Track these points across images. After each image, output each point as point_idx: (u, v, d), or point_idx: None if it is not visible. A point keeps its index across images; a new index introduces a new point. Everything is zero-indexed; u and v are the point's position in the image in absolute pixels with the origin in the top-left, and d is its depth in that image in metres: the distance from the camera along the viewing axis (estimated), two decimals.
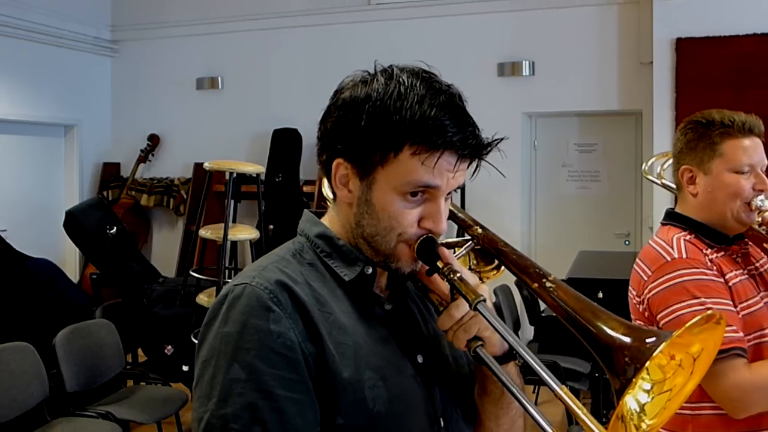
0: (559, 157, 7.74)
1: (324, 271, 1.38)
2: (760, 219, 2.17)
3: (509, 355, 1.36)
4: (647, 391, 1.24)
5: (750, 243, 2.30)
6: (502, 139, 1.33)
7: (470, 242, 1.52)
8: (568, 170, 7.72)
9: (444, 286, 1.36)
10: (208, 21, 8.69)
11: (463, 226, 1.55)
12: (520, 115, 7.42)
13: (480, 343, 1.30)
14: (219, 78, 8.77)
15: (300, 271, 1.35)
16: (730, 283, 2.09)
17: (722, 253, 2.18)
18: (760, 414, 2.02)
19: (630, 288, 2.22)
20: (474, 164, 1.34)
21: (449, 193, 1.34)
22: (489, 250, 1.50)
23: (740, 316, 2.05)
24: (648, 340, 1.15)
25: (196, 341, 4.55)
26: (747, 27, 6.52)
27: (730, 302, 2.04)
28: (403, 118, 1.27)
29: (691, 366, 1.25)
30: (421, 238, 1.33)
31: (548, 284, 1.34)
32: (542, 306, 5.81)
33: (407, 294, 1.48)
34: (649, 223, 6.93)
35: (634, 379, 1.13)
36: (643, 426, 1.23)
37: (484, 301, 1.26)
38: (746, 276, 2.18)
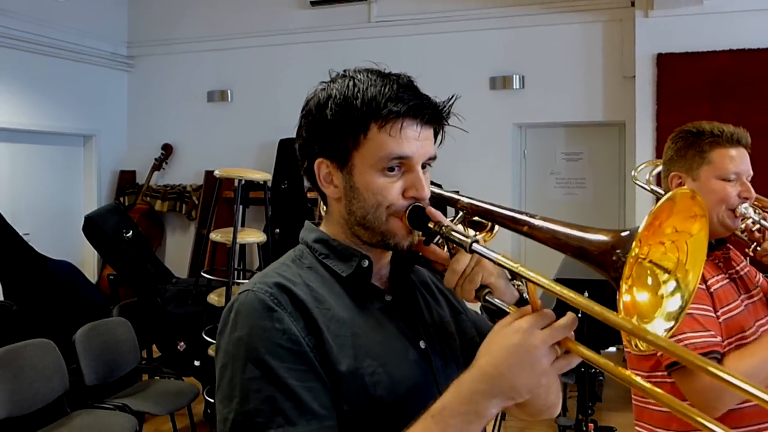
0: (547, 165, 7.75)
1: (323, 271, 1.39)
2: (743, 226, 2.16)
3: (520, 301, 1.36)
4: (677, 288, 1.26)
5: (731, 248, 2.28)
6: (456, 97, 1.38)
7: (461, 214, 1.52)
8: (555, 177, 7.73)
9: (443, 253, 1.38)
10: (218, 38, 8.71)
11: (451, 202, 1.55)
12: (511, 125, 7.44)
13: (488, 290, 1.31)
14: (228, 91, 8.78)
15: (299, 274, 1.36)
16: (712, 289, 2.07)
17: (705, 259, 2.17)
18: (741, 410, 2.01)
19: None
20: (439, 135, 1.40)
21: (425, 166, 1.37)
22: (479, 215, 1.51)
23: (722, 320, 2.03)
24: (623, 234, 1.17)
25: (207, 338, 4.52)
26: (723, 43, 6.54)
27: (710, 308, 2.02)
28: (363, 101, 1.32)
29: (680, 236, 1.28)
30: (410, 208, 1.34)
31: (536, 222, 1.35)
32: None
33: (411, 284, 1.49)
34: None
35: (625, 270, 1.13)
36: (682, 316, 1.25)
37: (477, 241, 1.27)
38: (727, 280, 2.15)
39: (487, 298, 1.30)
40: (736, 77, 6.47)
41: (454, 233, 1.31)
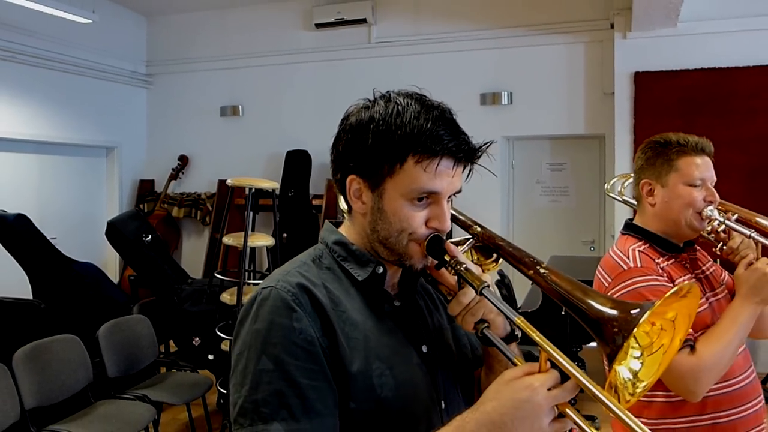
0: (533, 175, 7.76)
1: (340, 273, 1.38)
2: (709, 227, 2.17)
3: (511, 336, 1.36)
4: (638, 358, 1.22)
5: (698, 249, 2.29)
6: (491, 143, 1.35)
7: (471, 240, 1.51)
8: (541, 186, 7.74)
9: (451, 279, 1.36)
10: (230, 57, 8.73)
11: (464, 226, 1.54)
12: (500, 138, 7.43)
13: (486, 324, 1.30)
14: (240, 106, 8.79)
15: (318, 275, 1.35)
16: None
17: (672, 260, 2.17)
18: (704, 399, 2.02)
19: None
20: (468, 169, 1.35)
21: (450, 196, 1.34)
22: (488, 246, 1.49)
23: None
24: (633, 312, 1.14)
25: (220, 334, 4.50)
26: (696, 62, 6.56)
27: None
28: (404, 132, 1.27)
29: (671, 327, 1.24)
30: (429, 237, 1.33)
31: (542, 270, 1.32)
32: (519, 303, 5.80)
33: (416, 291, 1.48)
34: (611, 232, 6.95)
35: (624, 345, 1.11)
36: (638, 390, 1.22)
37: (488, 286, 1.26)
38: (694, 280, 2.16)
39: (484, 331, 1.29)
40: (707, 94, 6.49)
41: (467, 273, 1.30)
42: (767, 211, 2.30)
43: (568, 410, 1.11)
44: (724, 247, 2.18)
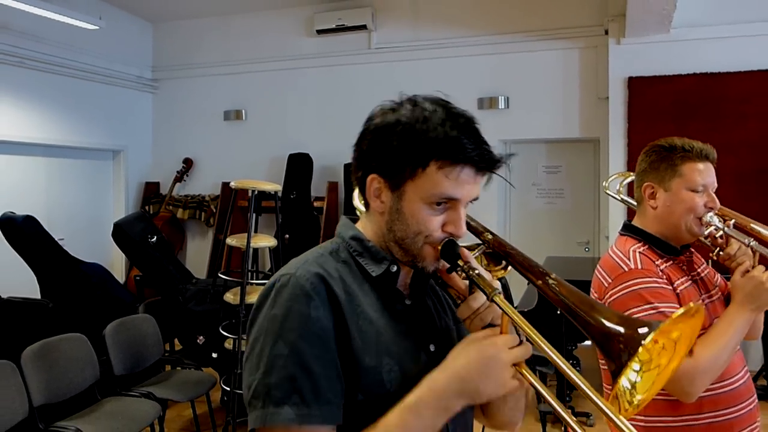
0: (529, 178, 7.76)
1: (355, 268, 1.38)
2: (707, 232, 2.17)
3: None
4: (637, 371, 1.22)
5: (693, 251, 2.29)
6: (512, 155, 1.35)
7: (482, 246, 1.49)
8: (537, 188, 7.74)
9: (462, 283, 1.36)
10: (234, 63, 8.74)
11: (476, 232, 1.53)
12: (497, 141, 7.42)
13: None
14: (243, 110, 8.80)
15: (335, 267, 1.35)
16: (678, 290, 2.07)
17: (671, 262, 2.16)
18: (701, 399, 2.01)
19: (592, 290, 2.20)
20: (486, 177, 1.35)
21: (468, 203, 1.34)
22: (498, 253, 1.48)
23: None
24: (640, 330, 1.13)
25: (224, 333, 4.48)
26: (688, 67, 6.57)
27: (678, 306, 2.02)
28: (429, 138, 1.27)
29: (672, 348, 1.23)
30: (444, 241, 1.33)
31: (551, 281, 1.31)
32: (515, 303, 5.79)
33: (426, 292, 1.48)
34: (606, 233, 6.95)
35: (628, 363, 1.11)
36: (635, 401, 1.22)
37: (500, 293, 1.26)
38: (690, 282, 2.16)
39: None
40: (699, 98, 6.49)
41: (479, 278, 1.29)
42: (755, 214, 2.30)
43: (524, 371, 1.21)
44: (721, 253, 2.18)
